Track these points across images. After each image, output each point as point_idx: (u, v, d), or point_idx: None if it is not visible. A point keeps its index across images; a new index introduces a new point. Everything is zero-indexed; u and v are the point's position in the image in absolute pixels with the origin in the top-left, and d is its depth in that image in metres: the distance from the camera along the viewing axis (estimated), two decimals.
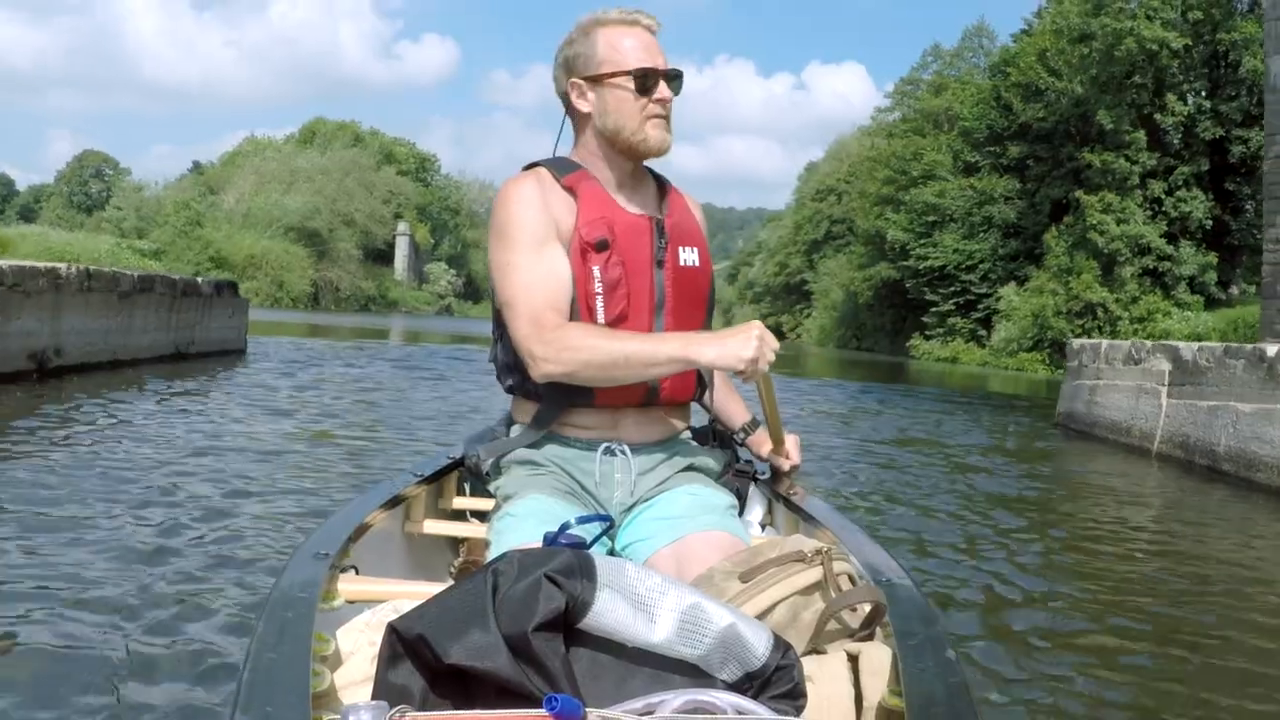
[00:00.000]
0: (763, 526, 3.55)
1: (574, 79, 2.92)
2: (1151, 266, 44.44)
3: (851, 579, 2.35)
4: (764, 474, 3.55)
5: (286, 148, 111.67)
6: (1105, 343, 17.17)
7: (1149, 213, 45.10)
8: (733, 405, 3.41)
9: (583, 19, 2.99)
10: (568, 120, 3.06)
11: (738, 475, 3.31)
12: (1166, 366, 14.38)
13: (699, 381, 3.13)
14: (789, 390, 24.28)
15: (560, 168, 2.94)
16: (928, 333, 59.22)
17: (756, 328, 2.75)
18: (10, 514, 6.48)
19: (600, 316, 2.82)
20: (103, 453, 8.84)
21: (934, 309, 57.59)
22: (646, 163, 3.08)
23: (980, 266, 55.23)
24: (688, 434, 3.17)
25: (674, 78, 2.95)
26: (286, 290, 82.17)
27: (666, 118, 2.95)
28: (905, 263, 59.35)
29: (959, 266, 55.90)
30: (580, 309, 2.83)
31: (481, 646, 1.59)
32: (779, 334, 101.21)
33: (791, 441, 3.41)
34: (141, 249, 42.91)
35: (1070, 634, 5.47)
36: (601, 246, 2.79)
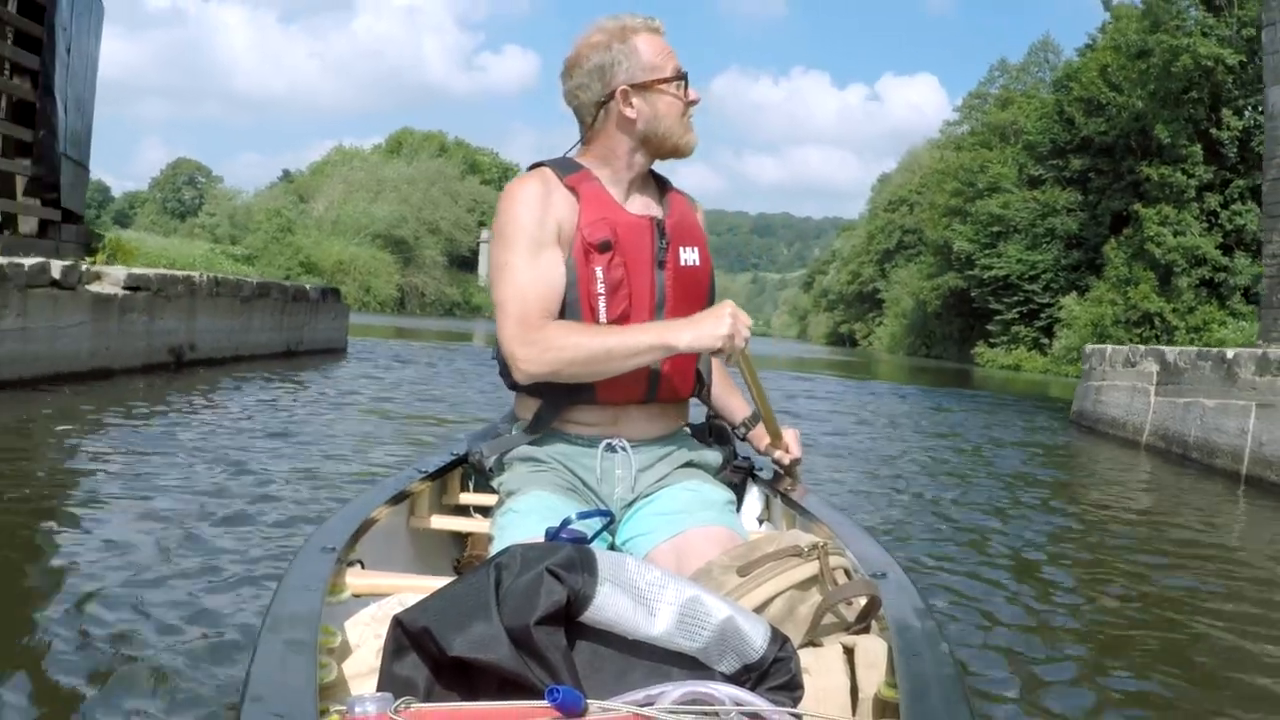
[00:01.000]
0: (760, 521, 3.57)
1: (623, 86, 2.89)
2: (1207, 277, 44.34)
3: (847, 573, 2.36)
4: (762, 470, 3.55)
5: (374, 157, 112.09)
6: (1110, 348, 18.75)
7: (1205, 225, 45.06)
8: (732, 401, 3.40)
9: (607, 25, 2.97)
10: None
11: (735, 471, 3.33)
12: (1155, 368, 15.68)
13: (698, 379, 3.12)
14: (854, 393, 25.50)
15: (563, 168, 2.95)
16: (992, 340, 59.62)
17: (728, 306, 2.77)
18: (127, 477, 7.45)
19: (602, 316, 2.84)
20: (219, 430, 10.16)
21: (998, 317, 57.94)
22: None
23: (1043, 276, 55.66)
24: (687, 430, 3.18)
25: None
26: (373, 295, 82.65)
27: (691, 117, 3.06)
28: (971, 272, 59.83)
29: (1022, 276, 56.34)
30: (583, 309, 2.85)
31: (484, 639, 1.61)
32: (851, 341, 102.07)
33: (790, 436, 3.36)
34: (235, 254, 44.02)
35: (1058, 619, 5.45)
36: (604, 247, 2.82)
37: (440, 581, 2.07)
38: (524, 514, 2.68)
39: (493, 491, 3.05)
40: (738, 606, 1.82)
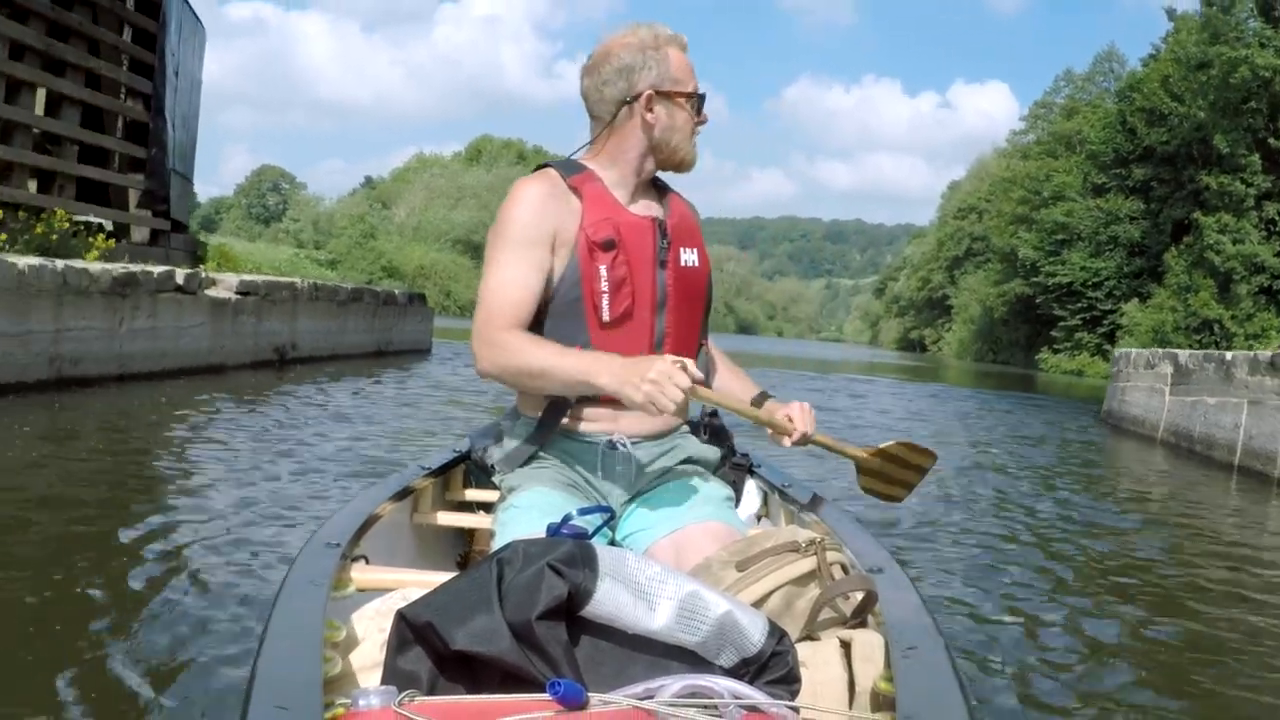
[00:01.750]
0: (758, 517, 3.53)
1: (649, 90, 2.90)
2: (1266, 285, 44.04)
3: (844, 568, 2.32)
4: (760, 466, 3.52)
5: (454, 164, 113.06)
6: (1134, 351, 20.08)
7: (1264, 233, 44.82)
8: (734, 385, 3.25)
9: (641, 30, 2.97)
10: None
11: (734, 468, 3.29)
12: (1170, 370, 16.74)
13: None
14: (914, 395, 26.49)
15: (567, 169, 2.95)
16: (1056, 346, 59.74)
17: (660, 364, 2.65)
18: (230, 457, 8.49)
19: (605, 314, 2.84)
20: (317, 418, 11.46)
21: (1062, 324, 58.37)
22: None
23: (1106, 283, 56.00)
24: (686, 428, 3.13)
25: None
26: (454, 299, 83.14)
27: None
28: (1036, 279, 60.34)
29: (1086, 283, 56.84)
30: (586, 306, 2.84)
31: (487, 633, 1.60)
32: (921, 347, 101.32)
33: (796, 409, 3.08)
34: (318, 259, 45.08)
35: (1057, 613, 5.39)
36: (608, 246, 2.82)
37: (443, 576, 2.06)
38: (526, 510, 2.67)
39: (495, 488, 3.03)
40: (736, 601, 1.81)
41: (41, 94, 16.22)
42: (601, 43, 3.00)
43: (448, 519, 3.34)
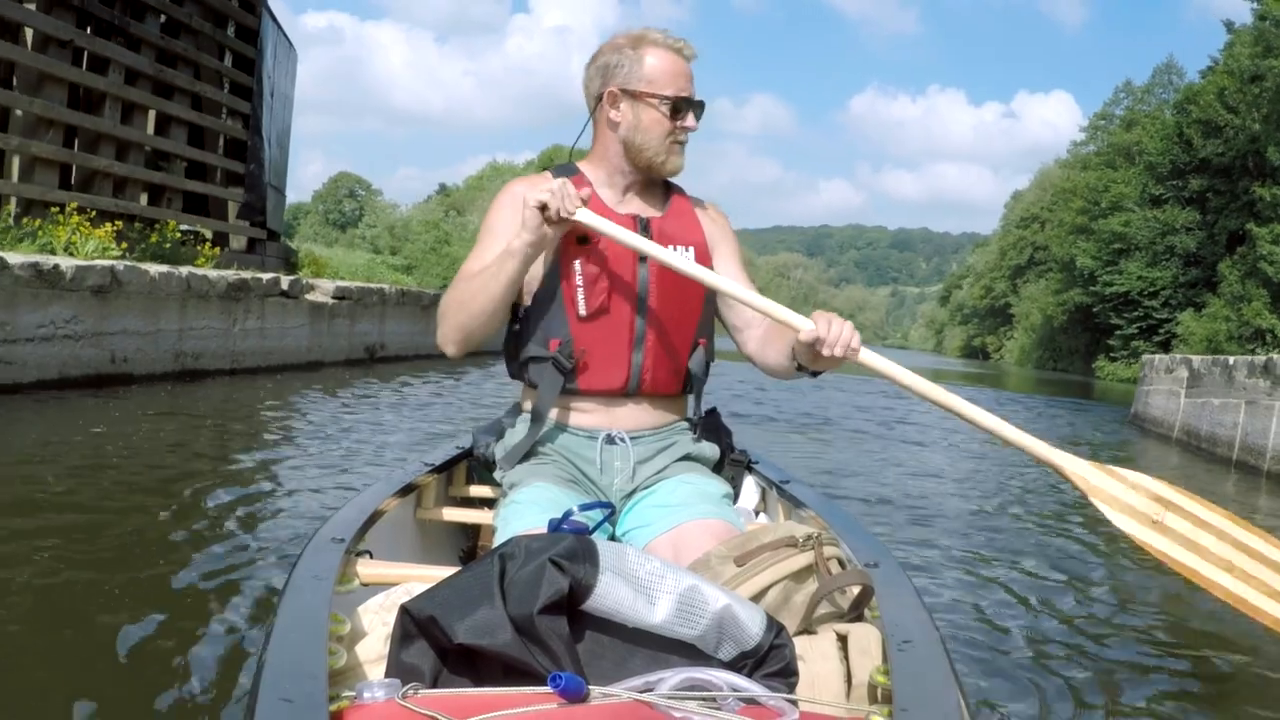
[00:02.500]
0: (756, 513, 3.48)
1: (611, 88, 2.87)
2: None
3: (841, 563, 2.30)
4: (758, 463, 3.47)
5: (526, 172, 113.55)
6: (1158, 357, 20.74)
7: None
8: (780, 345, 2.90)
9: (630, 32, 2.94)
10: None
11: (732, 464, 3.23)
12: (1185, 374, 17.38)
13: (687, 375, 3.00)
14: (969, 398, 26.98)
15: (559, 172, 2.94)
16: (1113, 355, 58.76)
17: (542, 185, 2.68)
18: (325, 440, 9.22)
19: (581, 308, 2.81)
20: (401, 408, 12.47)
21: (1119, 332, 57.62)
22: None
23: (1162, 293, 55.27)
24: (684, 425, 3.07)
25: (700, 108, 2.92)
26: None
27: (684, 143, 2.92)
28: (1094, 288, 59.83)
29: (1142, 293, 56.18)
30: (565, 299, 2.83)
31: (489, 627, 1.60)
32: (984, 354, 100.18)
33: (819, 319, 2.64)
34: (394, 264, 45.56)
35: (1049, 605, 5.30)
36: (582, 240, 2.80)
37: (446, 571, 2.05)
38: (527, 505, 2.64)
39: (497, 484, 3.01)
40: (735, 595, 1.81)
41: (152, 115, 17.17)
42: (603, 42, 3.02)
43: (451, 514, 3.33)
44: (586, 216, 2.69)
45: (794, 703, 1.59)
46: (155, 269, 12.39)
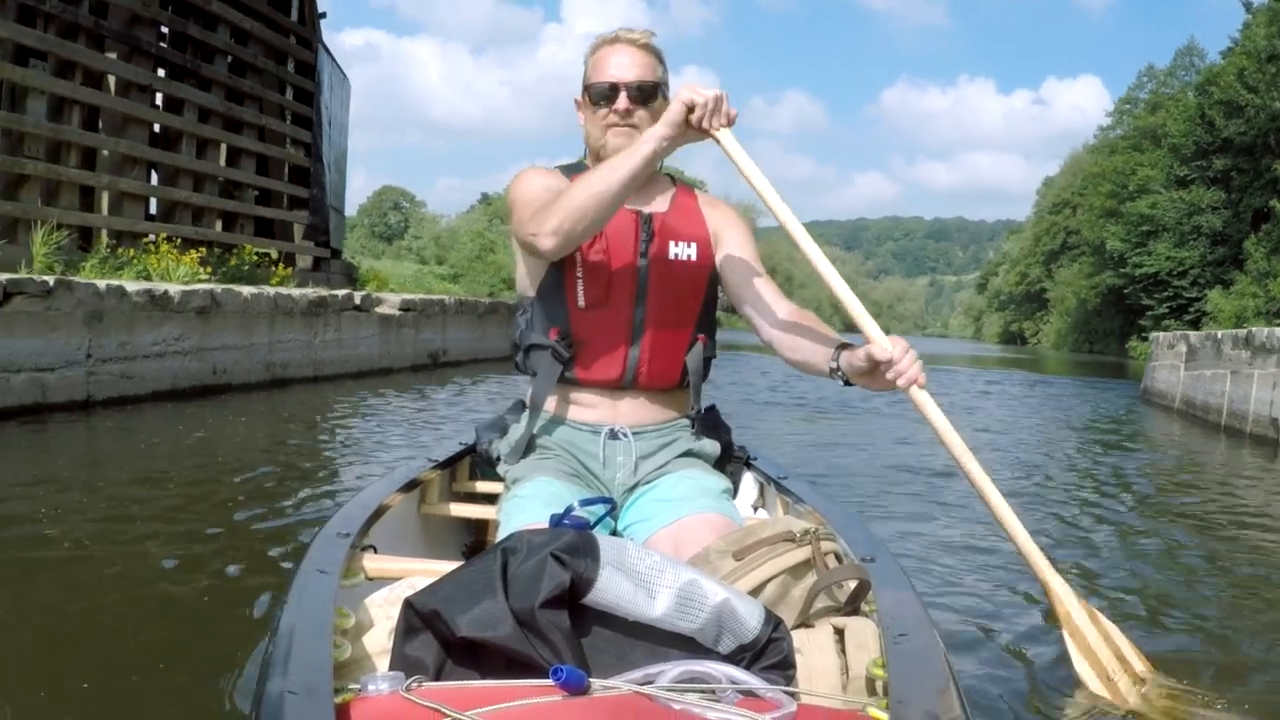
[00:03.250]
0: (755, 509, 3.47)
1: (575, 97, 2.91)
2: None
3: (838, 557, 2.28)
4: (757, 459, 3.45)
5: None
6: (1163, 335, 21.70)
7: None
8: (814, 337, 2.81)
9: (595, 43, 2.93)
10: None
11: (732, 460, 3.24)
12: (1184, 349, 18.31)
13: (683, 370, 2.96)
14: (1006, 381, 27.98)
15: (569, 170, 2.94)
16: (1144, 335, 55.66)
17: (679, 94, 2.54)
18: (395, 435, 10.07)
19: (581, 299, 2.79)
20: (461, 406, 13.46)
21: (1150, 313, 57.11)
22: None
23: (1190, 272, 55.18)
24: (685, 422, 3.03)
25: (637, 88, 2.82)
26: None
27: (632, 126, 2.80)
28: (1124, 270, 59.68)
29: (1171, 273, 56.11)
30: (566, 289, 2.80)
31: (492, 620, 1.60)
32: (1021, 339, 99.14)
33: (896, 343, 2.55)
34: (441, 274, 45.85)
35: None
36: None
37: (450, 566, 2.06)
38: (529, 500, 2.61)
39: (500, 479, 2.98)
40: (733, 590, 1.80)
41: (223, 148, 18.22)
42: None
43: (454, 510, 3.31)
44: (726, 137, 2.63)
45: (792, 695, 1.58)
46: (247, 290, 13.46)
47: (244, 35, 18.82)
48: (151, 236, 15.55)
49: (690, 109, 2.52)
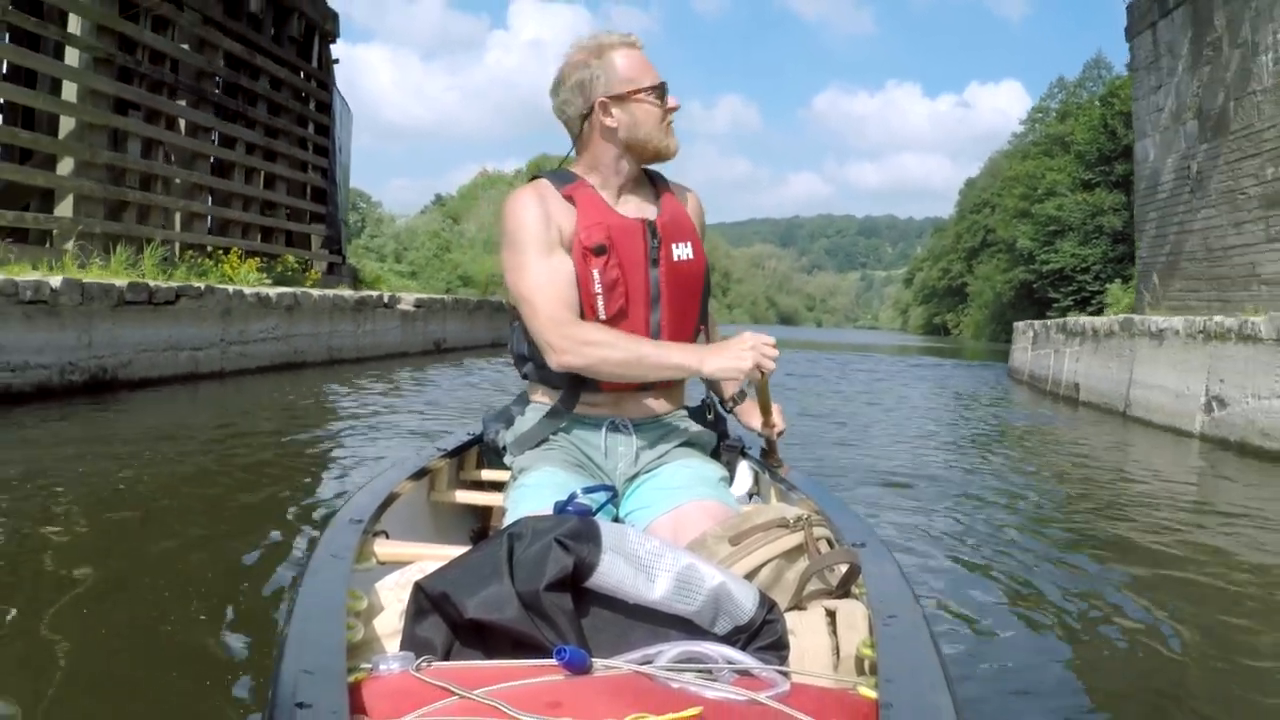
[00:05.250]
0: (750, 496, 3.44)
1: (600, 99, 2.75)
2: None
3: (830, 542, 2.24)
4: (751, 449, 3.41)
5: (517, 181, 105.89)
6: (1020, 324, 24.43)
7: None
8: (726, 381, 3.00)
9: (586, 44, 2.82)
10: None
11: (728, 450, 3.23)
12: (1032, 334, 21.08)
13: None
14: (909, 366, 30.33)
15: (559, 179, 2.85)
16: None
17: (750, 340, 2.63)
18: (417, 399, 12.42)
19: (601, 313, 2.71)
20: (460, 381, 15.84)
21: (1056, 305, 58.63)
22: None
23: (1093, 268, 57.69)
24: (684, 413, 3.01)
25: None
26: None
27: (672, 123, 2.82)
28: (1033, 266, 62.76)
29: (1075, 269, 58.97)
30: (584, 306, 2.71)
31: (498, 602, 1.60)
32: (944, 330, 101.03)
33: (776, 412, 3.09)
34: (401, 271, 45.23)
35: (1029, 581, 5.14)
36: (599, 250, 2.71)
37: (458, 550, 2.01)
38: (535, 488, 2.59)
39: (506, 468, 2.96)
40: (729, 573, 1.77)
41: (262, 175, 20.79)
42: (558, 67, 2.88)
43: (462, 497, 3.31)
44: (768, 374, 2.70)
45: (785, 674, 1.55)
46: (316, 293, 16.61)
47: (278, 82, 21.26)
48: (208, 248, 18.23)
49: (760, 371, 2.64)
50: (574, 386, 2.80)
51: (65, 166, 14.71)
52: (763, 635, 1.74)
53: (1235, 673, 3.80)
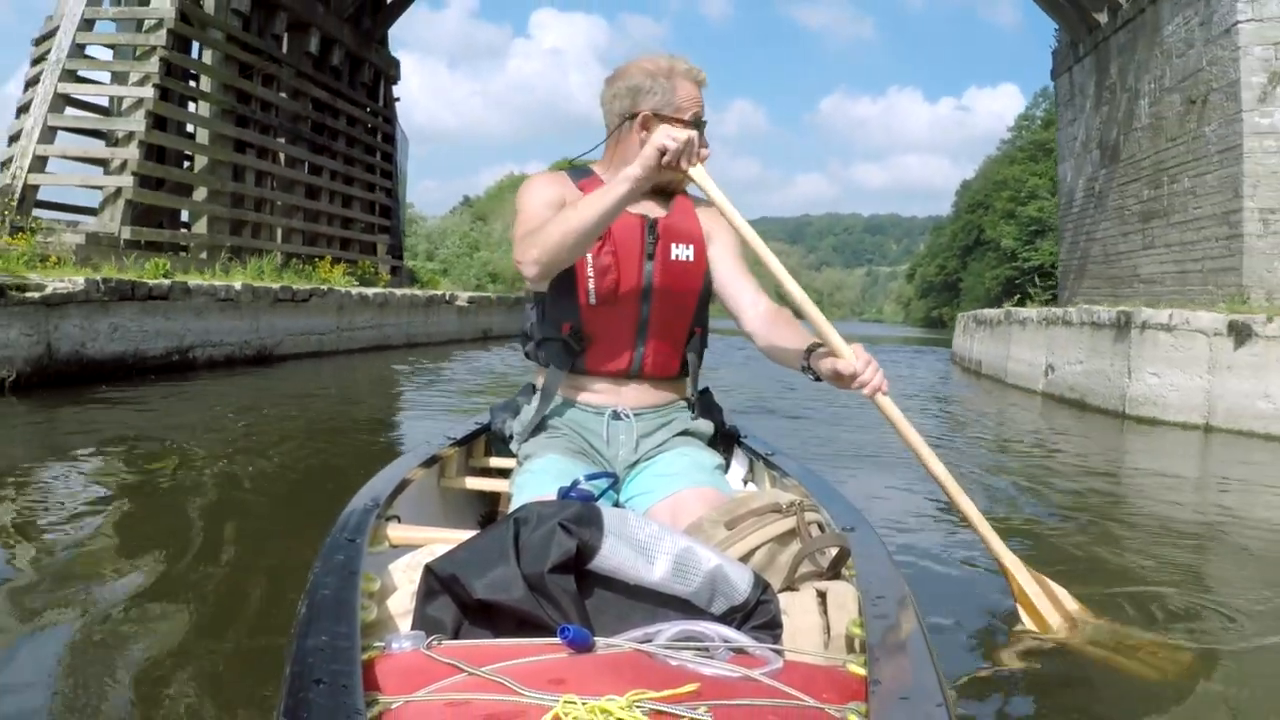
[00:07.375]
0: (745, 482, 3.41)
1: (644, 111, 2.68)
2: None
3: (821, 527, 2.20)
4: (746, 437, 3.35)
5: None
6: (961, 314, 25.70)
7: None
8: (789, 336, 2.75)
9: (662, 60, 2.73)
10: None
11: (724, 438, 3.16)
12: (962, 324, 22.69)
13: (683, 361, 2.93)
14: (894, 352, 31.17)
15: (576, 174, 2.83)
16: None
17: (650, 139, 2.45)
18: (456, 385, 13.17)
19: (592, 297, 2.69)
20: (507, 364, 17.19)
21: (1035, 299, 57.42)
22: None
23: None
24: (683, 403, 2.96)
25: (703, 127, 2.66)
26: None
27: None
28: (1015, 264, 64.57)
29: (1053, 266, 52.56)
30: (577, 287, 2.68)
31: (504, 584, 1.59)
32: (940, 323, 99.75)
33: (859, 355, 2.54)
34: (433, 269, 44.57)
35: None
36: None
37: (467, 534, 1.95)
38: (539, 475, 2.55)
39: (513, 455, 2.91)
40: (725, 556, 1.75)
41: (341, 197, 23.38)
42: (627, 62, 2.83)
43: (471, 483, 3.29)
44: (698, 173, 2.51)
45: (779, 652, 1.55)
46: (400, 292, 19.37)
47: (354, 120, 23.66)
48: (303, 256, 20.51)
49: (663, 153, 2.41)
50: (562, 364, 2.76)
51: (200, 194, 18.01)
52: (757, 615, 1.72)
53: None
